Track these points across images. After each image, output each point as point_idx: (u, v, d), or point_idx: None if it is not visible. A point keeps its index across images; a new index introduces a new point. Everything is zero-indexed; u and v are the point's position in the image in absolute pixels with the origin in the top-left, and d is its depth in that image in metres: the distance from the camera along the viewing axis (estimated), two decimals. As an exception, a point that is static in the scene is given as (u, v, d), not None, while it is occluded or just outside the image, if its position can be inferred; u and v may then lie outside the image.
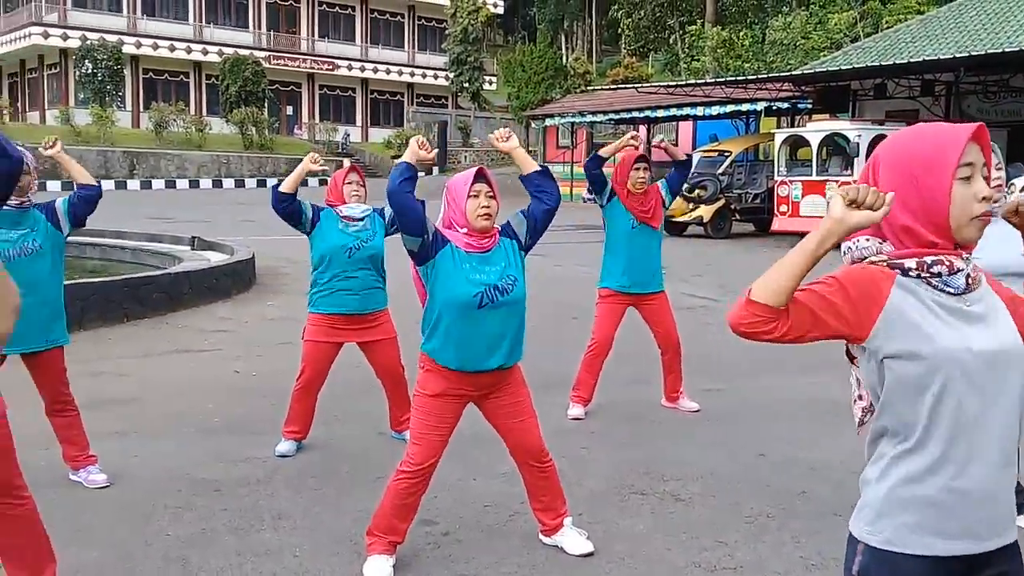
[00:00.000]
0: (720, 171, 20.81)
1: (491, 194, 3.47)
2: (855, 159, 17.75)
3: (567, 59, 44.65)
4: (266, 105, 41.45)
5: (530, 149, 39.90)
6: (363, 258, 4.96)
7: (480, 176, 3.47)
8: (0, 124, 33.91)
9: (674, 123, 32.01)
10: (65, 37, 40.98)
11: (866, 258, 1.87)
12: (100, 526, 4.04)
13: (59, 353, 4.41)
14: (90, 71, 38.76)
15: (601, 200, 5.87)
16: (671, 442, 5.41)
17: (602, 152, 5.86)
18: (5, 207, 4.12)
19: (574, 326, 8.33)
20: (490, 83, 48.84)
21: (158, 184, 35.67)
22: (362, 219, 5.01)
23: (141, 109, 42.44)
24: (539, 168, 3.72)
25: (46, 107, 43.05)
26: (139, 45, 42.90)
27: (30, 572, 3.11)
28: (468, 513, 4.24)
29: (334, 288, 4.96)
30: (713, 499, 4.46)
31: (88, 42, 39.36)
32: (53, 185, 27.42)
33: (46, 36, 41.09)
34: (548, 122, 34.30)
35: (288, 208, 4.93)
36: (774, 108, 24.72)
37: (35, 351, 4.30)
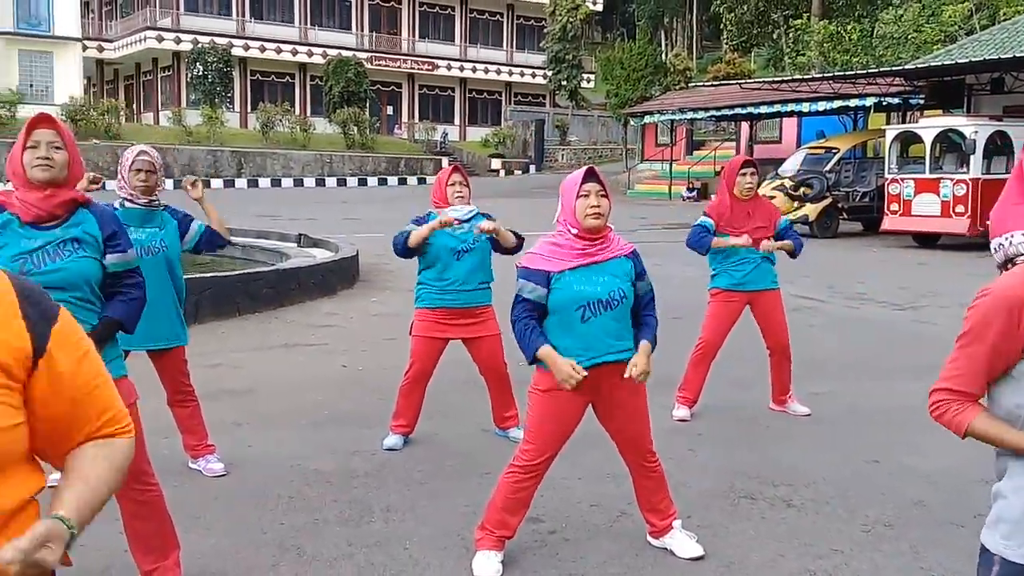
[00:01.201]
0: (827, 168, 20.26)
1: (602, 193, 3.43)
2: (971, 156, 17.06)
3: (667, 56, 44.12)
4: (367, 105, 42.25)
5: (628, 147, 39.64)
6: (469, 260, 5.00)
7: (590, 175, 3.44)
8: (116, 125, 35.40)
9: (777, 120, 31.34)
10: (178, 40, 42.58)
11: (1021, 254, 1.79)
12: (218, 514, 4.18)
13: (181, 350, 4.58)
14: (201, 73, 40.16)
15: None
16: (780, 446, 5.29)
17: (714, 244, 5.67)
18: (134, 205, 4.29)
19: (677, 326, 8.21)
20: (588, 81, 48.68)
21: (264, 182, 36.72)
22: (468, 220, 5.04)
23: (249, 110, 43.77)
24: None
25: (159, 108, 44.80)
26: (247, 47, 44.25)
27: (156, 556, 3.24)
28: (574, 512, 4.23)
29: (440, 287, 5.02)
30: (826, 506, 4.34)
31: (199, 45, 40.81)
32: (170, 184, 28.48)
33: (160, 40, 42.75)
34: (647, 119, 33.98)
35: (412, 255, 5.02)
36: (884, 104, 23.94)
37: (158, 349, 4.47)
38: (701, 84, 36.29)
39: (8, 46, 39.55)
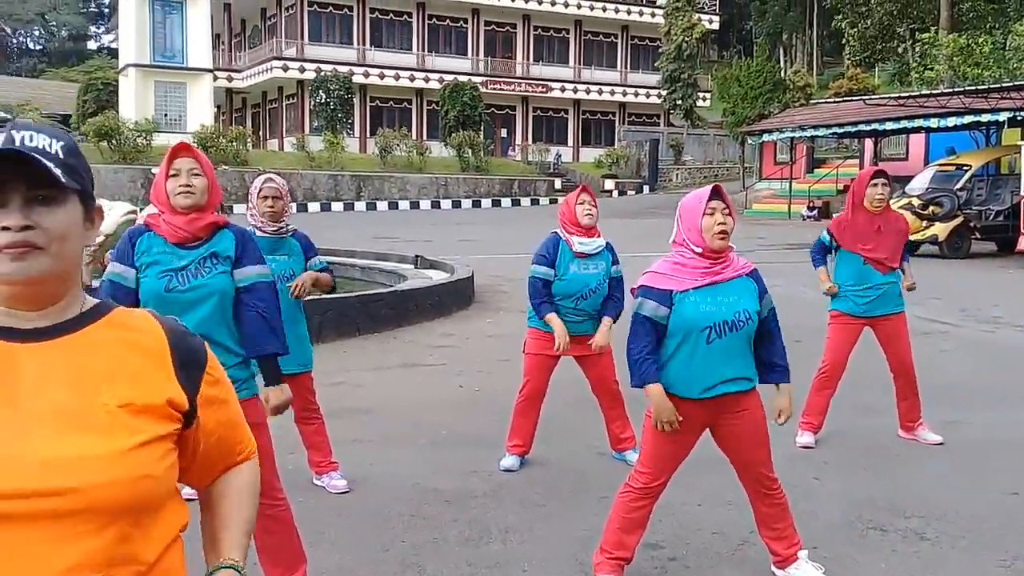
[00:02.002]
0: (958, 186, 19.40)
1: (727, 211, 3.38)
2: (1116, 171, 16.07)
3: (786, 72, 43.21)
4: (482, 128, 42.83)
5: (746, 166, 38.96)
6: (590, 301, 5.02)
7: (716, 193, 3.40)
8: (244, 152, 36.89)
9: (904, 136, 30.25)
10: (302, 69, 44.17)
11: None
12: (341, 530, 4.27)
13: (308, 374, 4.72)
14: (323, 100, 41.52)
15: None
16: (911, 475, 5.07)
17: (819, 274, 5.75)
18: (263, 234, 4.44)
19: (798, 349, 7.98)
20: (704, 100, 48.14)
21: (382, 205, 37.61)
22: (595, 255, 5.03)
23: (368, 135, 44.99)
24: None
25: (284, 135, 46.48)
26: (367, 75, 45.53)
27: (284, 570, 3.33)
28: (695, 539, 4.15)
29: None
30: (962, 540, 4.13)
31: (322, 73, 42.23)
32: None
33: (285, 69, 44.43)
34: (766, 138, 33.32)
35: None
36: (1019, 118, 22.81)
37: (288, 374, 4.60)
38: (822, 100, 35.39)
39: (145, 78, 41.82)
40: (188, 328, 1.49)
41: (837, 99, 33.80)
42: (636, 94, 51.78)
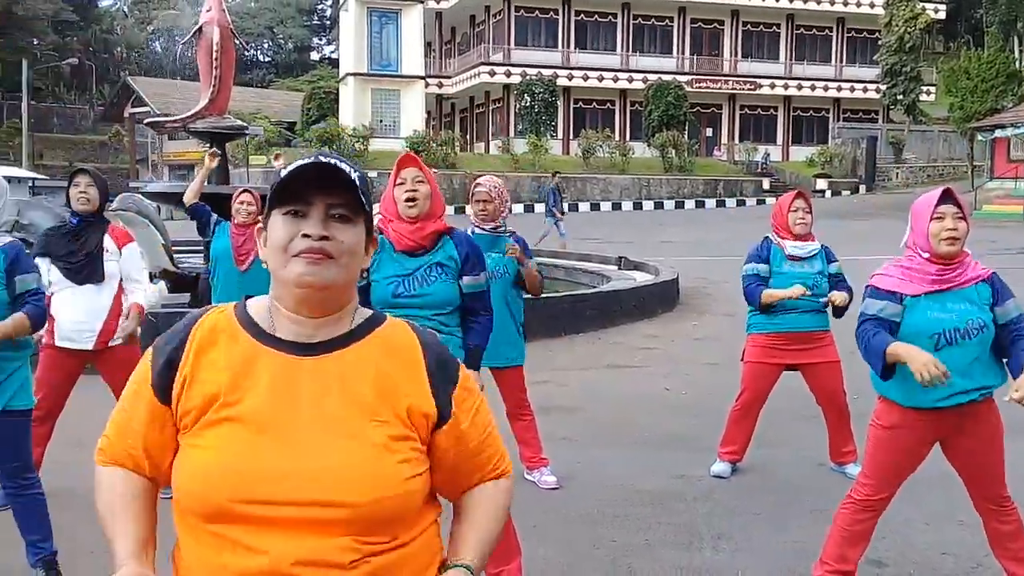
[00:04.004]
0: None
1: (959, 215, 3.15)
2: None
3: (1021, 63, 39.88)
4: (687, 128, 42.18)
5: (975, 164, 36.32)
6: (811, 298, 4.82)
7: (946, 197, 3.17)
8: (453, 155, 38.14)
9: None
10: (508, 74, 45.12)
11: None
12: (551, 525, 4.33)
13: (519, 369, 4.81)
14: (528, 103, 42.27)
15: None
16: None
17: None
18: (480, 230, 4.58)
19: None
20: (928, 94, 45.20)
21: (583, 207, 37.80)
22: (808, 258, 4.86)
23: (571, 136, 45.36)
24: None
25: (489, 138, 47.66)
26: (571, 77, 45.89)
27: (500, 560, 3.42)
28: (922, 559, 3.91)
29: (775, 311, 4.87)
30: None
31: (527, 77, 42.99)
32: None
33: (492, 74, 45.53)
34: (998, 133, 30.92)
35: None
36: None
37: (498, 367, 4.73)
38: (1064, 92, 32.40)
39: (363, 86, 44.11)
40: (443, 343, 1.57)
41: (1082, 90, 30.82)
42: (852, 89, 49.32)
